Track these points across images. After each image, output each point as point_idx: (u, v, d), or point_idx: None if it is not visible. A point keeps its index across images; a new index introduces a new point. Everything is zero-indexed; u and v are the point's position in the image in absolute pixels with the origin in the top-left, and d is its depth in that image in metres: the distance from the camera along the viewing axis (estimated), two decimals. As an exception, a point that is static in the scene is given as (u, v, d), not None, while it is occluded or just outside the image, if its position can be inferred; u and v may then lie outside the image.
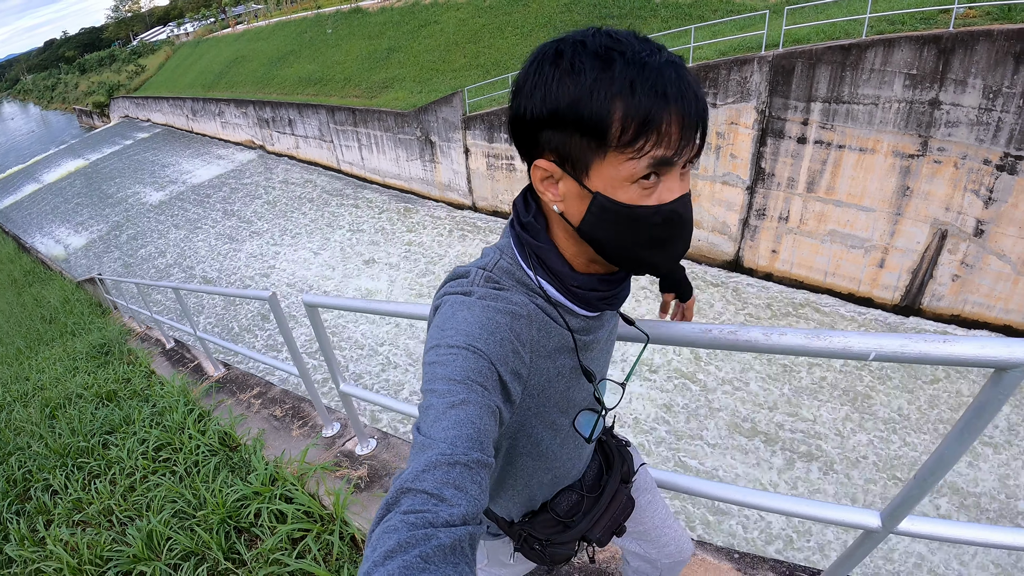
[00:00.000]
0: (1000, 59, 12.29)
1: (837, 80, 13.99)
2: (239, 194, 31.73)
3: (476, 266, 1.18)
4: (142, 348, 8.02)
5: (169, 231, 29.45)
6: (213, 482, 3.66)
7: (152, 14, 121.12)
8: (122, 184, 39.54)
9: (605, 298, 1.21)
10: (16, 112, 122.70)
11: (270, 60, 42.91)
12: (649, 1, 26.06)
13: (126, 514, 3.73)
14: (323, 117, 29.99)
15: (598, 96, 0.96)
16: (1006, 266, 13.35)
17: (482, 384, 0.97)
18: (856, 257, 15.12)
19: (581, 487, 1.57)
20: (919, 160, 13.62)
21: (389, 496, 0.79)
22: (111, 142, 53.94)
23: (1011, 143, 12.59)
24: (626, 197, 1.02)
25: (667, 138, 0.97)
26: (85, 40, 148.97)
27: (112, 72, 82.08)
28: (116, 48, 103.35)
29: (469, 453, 0.86)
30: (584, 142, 1.01)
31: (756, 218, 16.36)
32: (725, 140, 16.08)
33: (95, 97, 72.82)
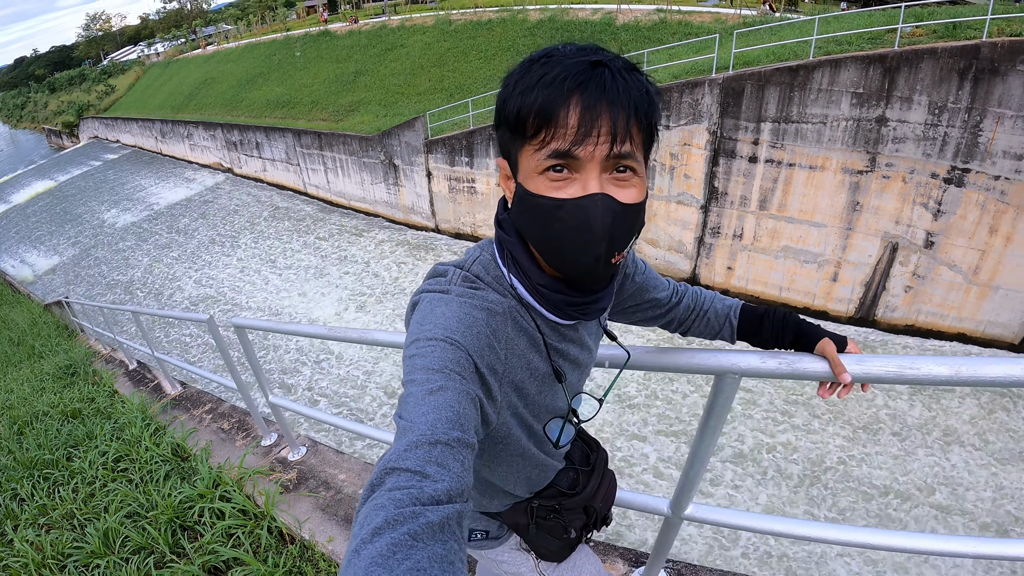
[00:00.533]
0: (944, 76, 12.29)
1: (786, 100, 13.86)
2: (206, 217, 30.92)
3: (454, 265, 1.19)
4: (106, 369, 8.20)
5: (137, 254, 28.62)
6: (163, 487, 3.97)
7: (123, 33, 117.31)
8: (91, 206, 38.37)
9: (574, 304, 1.19)
10: None
11: (239, 82, 42.22)
12: (610, 26, 26.14)
13: (86, 517, 3.96)
14: (290, 140, 29.49)
15: (515, 93, 1.01)
16: (957, 276, 13.31)
17: (460, 373, 0.96)
18: (810, 272, 14.96)
19: (573, 463, 1.60)
20: (868, 176, 13.52)
21: (373, 477, 0.79)
22: (80, 163, 52.36)
23: (957, 156, 12.59)
24: (535, 186, 1.03)
25: (564, 129, 0.97)
26: (55, 58, 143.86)
27: (82, 92, 79.43)
28: (86, 67, 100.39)
29: (449, 433, 0.85)
30: (510, 137, 1.05)
31: (711, 236, 16.15)
32: (679, 161, 15.85)
33: (64, 117, 70.33)
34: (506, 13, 30.79)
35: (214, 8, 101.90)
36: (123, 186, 40.38)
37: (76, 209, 38.29)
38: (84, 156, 54.81)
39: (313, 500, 3.61)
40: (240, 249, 26.59)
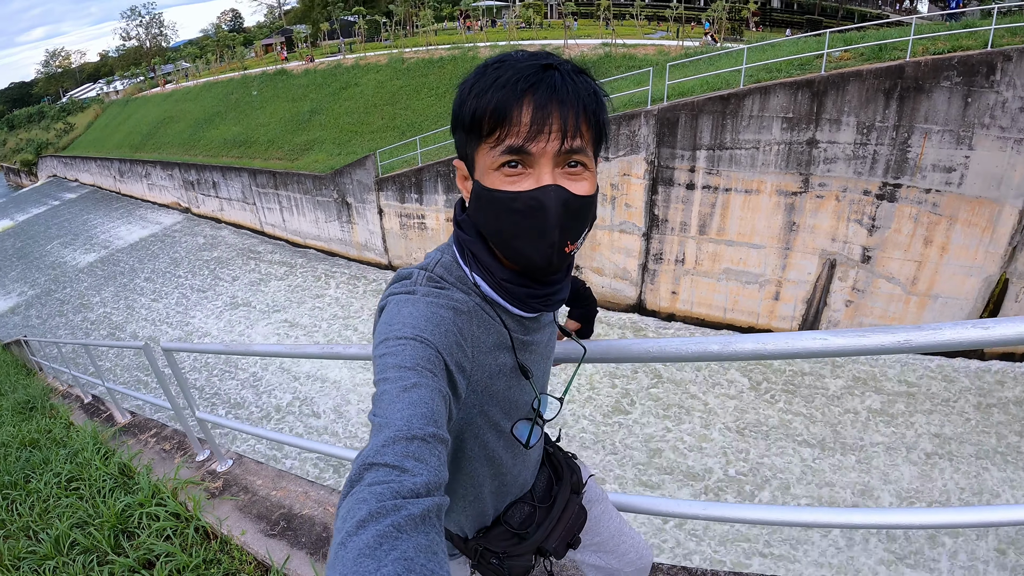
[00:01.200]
0: (871, 96, 12.34)
1: (719, 128, 13.72)
2: (164, 256, 30.08)
3: (418, 268, 1.17)
4: (63, 404, 8.26)
5: (96, 293, 27.68)
6: (109, 499, 4.15)
7: (83, 70, 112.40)
8: (50, 246, 36.95)
9: (536, 296, 1.18)
10: None
11: (197, 121, 40.99)
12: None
13: (40, 527, 4.18)
14: (246, 180, 28.77)
15: (471, 96, 1.03)
16: (896, 288, 13.26)
17: (431, 371, 0.94)
18: (752, 292, 14.74)
19: (532, 498, 1.52)
20: (802, 196, 13.41)
21: (352, 473, 0.76)
22: (39, 202, 50.73)
23: (888, 173, 12.62)
24: (491, 182, 1.04)
25: (517, 127, 0.99)
26: (14, 95, 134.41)
27: (41, 129, 75.79)
28: (46, 104, 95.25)
29: (425, 428, 0.83)
30: (467, 138, 1.07)
31: (654, 262, 15.87)
32: (619, 191, 15.59)
33: (23, 155, 67.87)
34: (457, 51, 30.61)
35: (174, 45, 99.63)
36: (82, 226, 39.09)
37: (36, 249, 37.02)
38: (43, 195, 53.31)
39: (233, 503, 3.92)
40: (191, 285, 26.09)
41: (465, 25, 43.60)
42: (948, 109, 11.85)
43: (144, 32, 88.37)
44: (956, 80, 11.67)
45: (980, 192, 12.09)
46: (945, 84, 11.75)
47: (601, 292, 17.05)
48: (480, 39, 33.16)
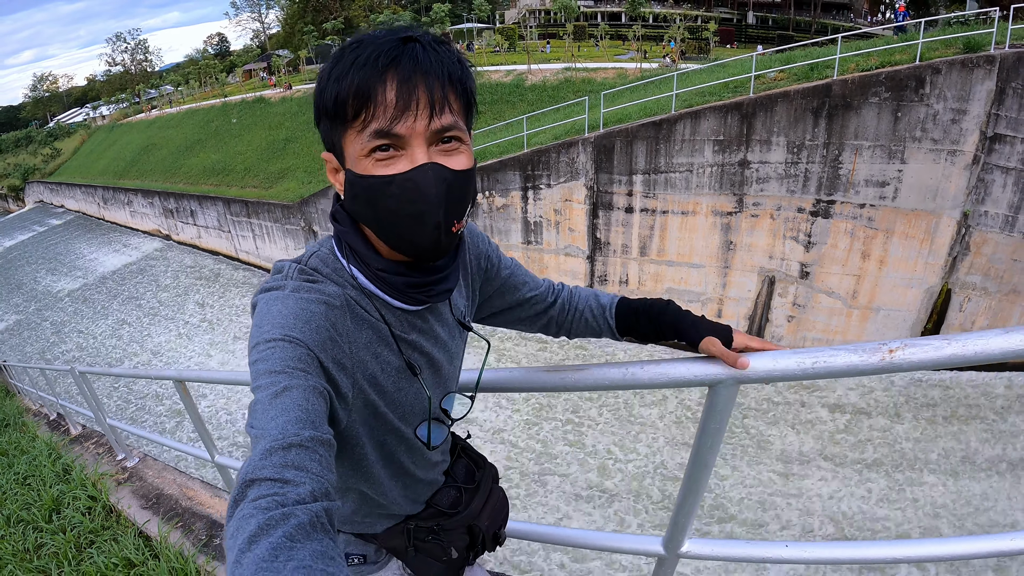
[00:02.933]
0: (799, 116, 12.33)
1: (653, 153, 13.72)
2: (143, 283, 30.06)
3: (292, 261, 1.09)
4: (32, 420, 9.07)
5: (78, 320, 27.69)
6: (51, 489, 5.02)
7: (70, 94, 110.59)
8: (34, 273, 36.48)
9: (416, 286, 1.11)
10: None
11: (178, 148, 40.97)
12: (519, 86, 26.12)
13: None
14: (221, 208, 28.81)
15: (332, 80, 0.96)
16: (837, 302, 13.23)
17: (304, 370, 0.89)
18: (695, 310, 14.26)
19: (455, 481, 1.47)
20: (737, 216, 13.39)
21: (235, 491, 0.72)
22: (25, 228, 49.98)
23: (821, 190, 12.59)
24: (363, 169, 0.97)
25: (383, 107, 0.93)
26: (2, 119, 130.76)
27: (28, 154, 74.61)
28: (33, 129, 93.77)
29: (301, 433, 0.79)
30: (332, 126, 0.99)
31: (599, 284, 15.85)
32: (562, 216, 15.56)
33: (10, 180, 66.40)
34: (427, 78, 30.60)
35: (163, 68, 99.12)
36: (66, 253, 38.86)
37: (20, 275, 36.75)
38: (29, 221, 52.81)
39: (130, 488, 4.88)
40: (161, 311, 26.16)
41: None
42: (878, 124, 11.84)
43: (129, 58, 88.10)
44: (885, 96, 11.67)
45: (916, 205, 12.07)
46: (874, 100, 11.75)
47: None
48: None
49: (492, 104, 25.32)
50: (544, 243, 16.21)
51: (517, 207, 16.21)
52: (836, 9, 46.45)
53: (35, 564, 3.91)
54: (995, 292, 12.05)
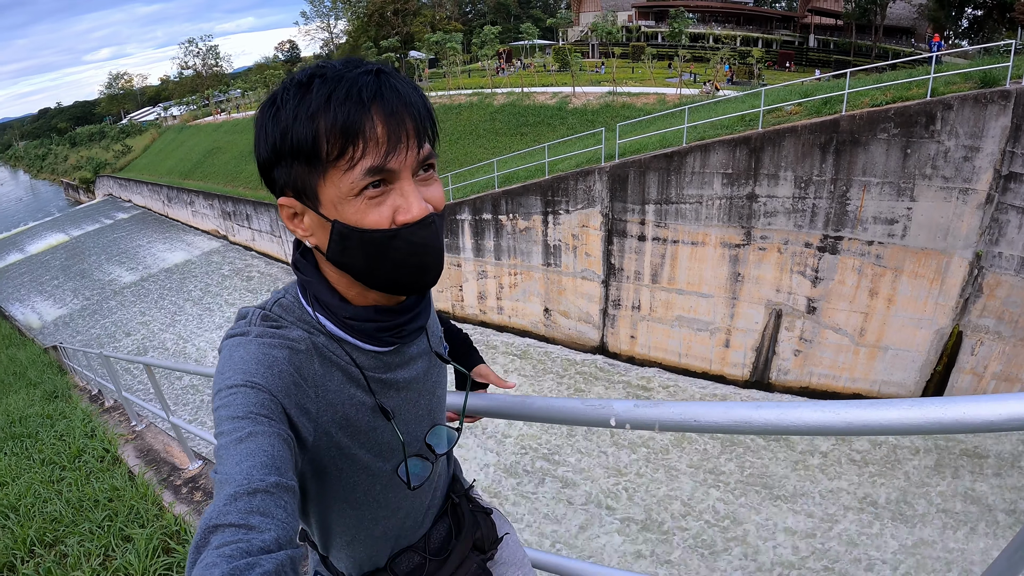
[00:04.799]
0: (807, 151, 12.44)
1: (665, 184, 14.09)
2: (198, 280, 31.77)
3: (256, 307, 1.08)
4: (78, 395, 10.58)
5: (135, 310, 29.49)
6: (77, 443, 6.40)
7: (143, 93, 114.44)
8: (99, 263, 38.81)
9: (386, 329, 1.10)
10: (6, 177, 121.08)
11: (241, 154, 43.10)
12: (562, 109, 26.63)
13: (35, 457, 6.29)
14: (273, 215, 30.24)
15: (300, 119, 0.92)
16: (844, 338, 13.21)
17: (266, 416, 0.89)
18: (703, 339, 14.90)
19: (425, 548, 1.39)
20: (745, 248, 13.60)
21: (197, 538, 0.72)
22: (93, 219, 52.80)
23: (828, 226, 12.66)
24: (355, 211, 0.95)
25: (373, 142, 0.91)
26: (78, 113, 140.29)
27: (101, 148, 78.92)
28: (106, 124, 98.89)
29: (266, 479, 0.78)
30: (304, 169, 0.95)
31: (613, 308, 16.21)
32: (580, 241, 16.06)
33: (82, 173, 70.26)
34: (476, 97, 31.55)
35: (233, 72, 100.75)
36: (130, 246, 41.51)
37: (85, 265, 39.31)
38: (98, 213, 55.78)
39: (133, 444, 6.45)
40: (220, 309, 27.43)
41: (502, 66, 44.42)
42: (887, 161, 11.83)
43: (200, 62, 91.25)
44: (894, 132, 11.65)
45: (926, 243, 11.97)
46: (882, 136, 11.74)
47: (568, 334, 17.53)
48: (502, 83, 33.89)
49: (534, 126, 26.03)
50: (563, 266, 16.74)
51: (538, 230, 16.83)
52: (899, 34, 45.26)
53: (55, 488, 5.10)
54: (1009, 337, 11.76)
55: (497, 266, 18.49)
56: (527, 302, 18.23)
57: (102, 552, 3.79)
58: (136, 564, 3.51)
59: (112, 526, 4.11)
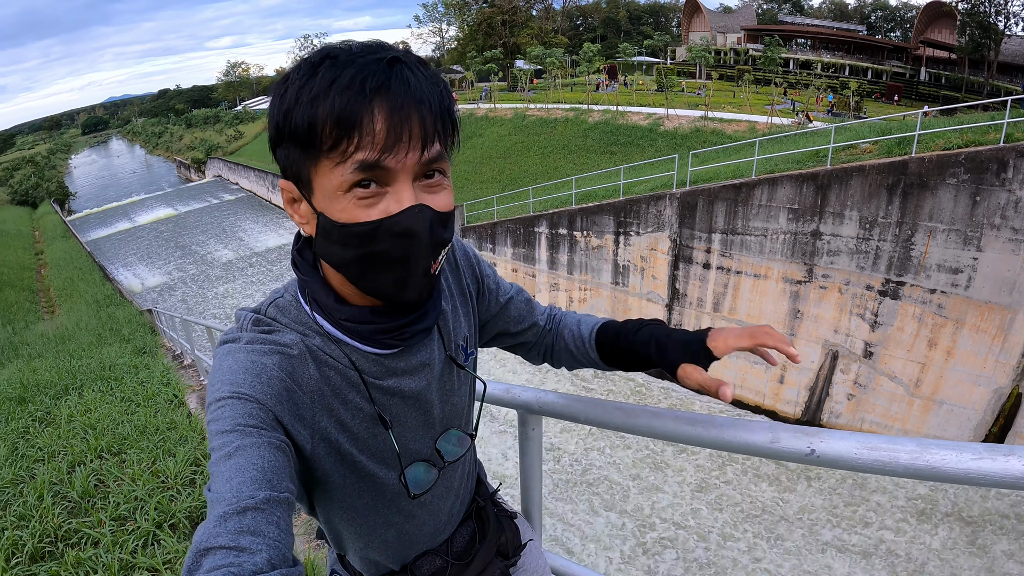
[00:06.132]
0: (873, 192, 12.50)
1: (732, 214, 14.54)
2: (288, 264, 33.48)
3: (249, 310, 1.07)
4: (163, 351, 12.57)
5: (227, 286, 31.61)
6: (153, 387, 8.01)
7: (259, 82, 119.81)
8: (202, 239, 41.26)
9: (385, 331, 1.06)
10: (123, 150, 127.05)
11: (340, 150, 45.32)
12: (653, 131, 27.22)
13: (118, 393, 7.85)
14: (360, 215, 31.88)
15: (302, 102, 0.87)
16: (899, 387, 13.16)
17: (255, 426, 0.88)
18: (759, 372, 15.20)
19: (448, 551, 1.38)
20: (806, 286, 13.85)
21: (188, 561, 0.72)
22: (201, 198, 55.88)
23: (891, 270, 12.67)
24: (341, 209, 0.91)
25: (370, 137, 0.85)
26: (196, 96, 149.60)
27: (214, 132, 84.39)
28: (221, 110, 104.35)
29: (256, 495, 0.78)
30: (299, 153, 0.91)
31: (676, 332, 16.59)
32: (647, 263, 16.69)
33: (195, 153, 74.37)
34: (572, 113, 32.40)
35: None
36: (232, 226, 43.88)
37: (188, 239, 41.94)
38: (206, 192, 58.99)
39: (196, 393, 8.06)
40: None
41: (605, 82, 45.04)
42: (954, 207, 11.65)
43: None
44: (963, 177, 11.42)
45: (990, 297, 11.72)
46: (951, 181, 11.55)
47: (630, 354, 17.93)
48: (601, 100, 34.57)
49: (624, 146, 26.70)
50: (630, 286, 17.43)
51: (609, 249, 17.57)
52: (1015, 71, 43.19)
53: (128, 417, 6.44)
54: (1072, 406, 11.45)
55: (569, 280, 19.31)
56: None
57: (151, 461, 5.00)
58: (173, 469, 4.71)
59: (164, 445, 5.37)
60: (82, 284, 26.94)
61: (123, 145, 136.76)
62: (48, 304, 25.52)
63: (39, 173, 76.57)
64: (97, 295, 24.18)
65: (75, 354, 12.31)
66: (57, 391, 8.44)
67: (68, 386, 8.67)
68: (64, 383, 8.85)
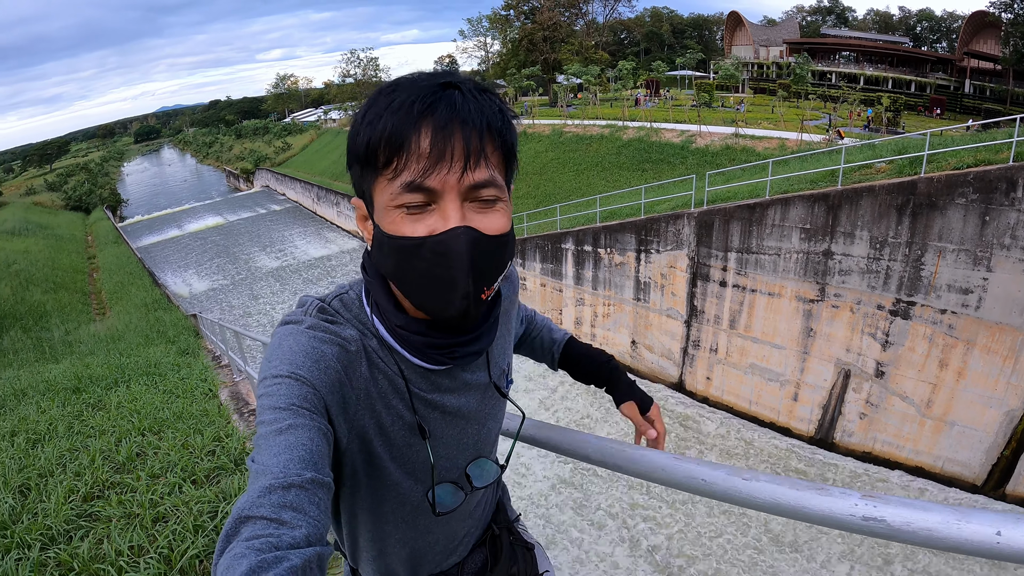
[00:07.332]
0: (883, 212, 12.71)
1: (747, 234, 15.00)
2: (331, 274, 34.86)
3: (315, 297, 1.12)
4: (204, 352, 13.63)
5: (270, 294, 32.72)
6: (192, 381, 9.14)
7: (308, 95, 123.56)
8: (248, 248, 42.78)
9: (436, 347, 1.10)
10: (175, 159, 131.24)
11: (390, 163, 46.55)
12: (685, 148, 27.62)
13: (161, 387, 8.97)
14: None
15: (365, 124, 0.95)
16: (910, 407, 13.30)
17: (308, 409, 0.91)
18: (773, 389, 15.55)
19: (459, 573, 1.43)
20: (819, 304, 14.17)
21: (228, 527, 0.74)
22: (249, 207, 57.90)
23: (901, 289, 12.85)
24: (391, 221, 0.97)
25: (415, 156, 0.91)
26: (245, 107, 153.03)
27: (263, 143, 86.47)
28: (270, 121, 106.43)
29: (303, 474, 0.81)
30: (362, 172, 0.99)
31: (693, 348, 17.17)
32: (667, 280, 17.25)
33: (244, 163, 76.52)
34: (608, 129, 32.88)
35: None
36: (278, 236, 45.36)
37: (236, 247, 43.45)
38: (254, 202, 61.01)
39: (228, 388, 8.85)
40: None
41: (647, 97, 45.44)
42: (963, 227, 11.70)
43: (361, 72, 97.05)
44: (972, 197, 11.53)
45: (1000, 318, 11.79)
46: (960, 201, 11.63)
47: (651, 367, 18.61)
48: (638, 116, 35.02)
49: (656, 163, 27.15)
50: (651, 302, 17.98)
51: (631, 266, 18.18)
52: None
53: (168, 405, 7.44)
54: (1085, 428, 11.55)
55: (593, 295, 19.96)
56: (617, 332, 19.54)
57: (184, 438, 6.03)
58: (199, 444, 5.76)
59: (195, 426, 6.48)
60: (132, 288, 28.41)
61: (174, 154, 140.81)
62: (100, 306, 27.03)
63: (92, 180, 79.72)
64: (146, 299, 25.55)
65: (124, 352, 13.46)
66: (108, 383, 9.50)
67: (117, 379, 9.72)
68: (114, 377, 9.92)
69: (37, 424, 7.11)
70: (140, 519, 4.21)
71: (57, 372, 11.10)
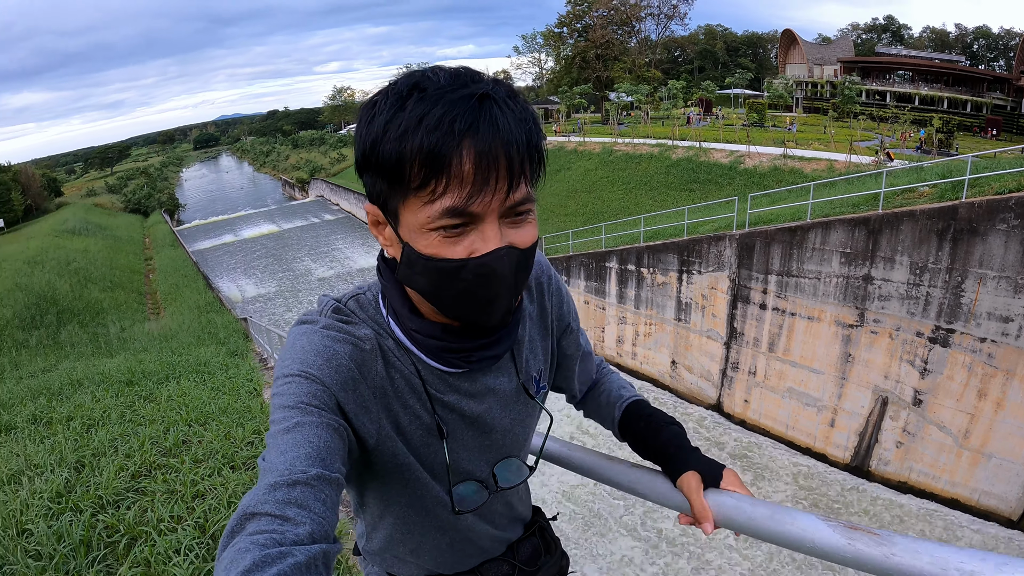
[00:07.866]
0: (924, 237, 12.68)
1: (787, 256, 15.16)
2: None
3: (331, 297, 1.13)
4: (252, 354, 14.38)
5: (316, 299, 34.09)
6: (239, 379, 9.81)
7: None
8: (300, 256, 44.07)
9: (451, 351, 1.10)
10: (232, 166, 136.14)
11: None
12: (733, 169, 27.81)
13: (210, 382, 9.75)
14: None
15: (390, 136, 0.88)
16: (947, 438, 13.20)
17: (317, 406, 0.92)
18: (810, 414, 15.60)
19: (514, 557, 1.43)
20: (858, 330, 14.23)
21: (232, 523, 0.75)
22: (303, 216, 59.53)
23: (941, 316, 12.78)
24: (427, 244, 0.93)
25: (458, 180, 0.87)
26: (302, 118, 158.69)
27: (319, 153, 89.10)
28: (326, 132, 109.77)
29: (308, 470, 0.82)
30: (387, 186, 0.94)
31: (732, 370, 17.33)
32: (708, 301, 17.47)
33: (299, 173, 78.73)
34: (657, 149, 33.16)
35: None
36: (329, 245, 46.46)
37: (288, 255, 44.76)
38: (307, 212, 62.56)
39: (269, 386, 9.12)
40: None
41: (699, 115, 45.57)
42: (1005, 254, 11.56)
43: None
44: (1014, 223, 11.29)
45: None
46: (1001, 227, 11.50)
47: (689, 388, 18.80)
48: (688, 135, 35.19)
49: (704, 183, 27.39)
50: (691, 323, 18.22)
51: (673, 286, 18.48)
52: None
53: (215, 400, 8.02)
54: (1125, 468, 11.37)
55: (635, 314, 20.27)
56: (658, 352, 19.80)
57: (226, 430, 6.57)
58: (240, 435, 6.31)
59: (238, 420, 7.04)
60: (186, 290, 29.79)
61: (232, 161, 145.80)
62: (154, 306, 28.45)
63: (152, 184, 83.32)
64: (199, 301, 26.77)
65: (176, 351, 14.23)
66: (159, 378, 10.15)
67: (168, 375, 10.40)
68: (165, 373, 10.63)
69: (92, 411, 7.78)
70: (181, 495, 4.74)
71: (112, 366, 11.90)
